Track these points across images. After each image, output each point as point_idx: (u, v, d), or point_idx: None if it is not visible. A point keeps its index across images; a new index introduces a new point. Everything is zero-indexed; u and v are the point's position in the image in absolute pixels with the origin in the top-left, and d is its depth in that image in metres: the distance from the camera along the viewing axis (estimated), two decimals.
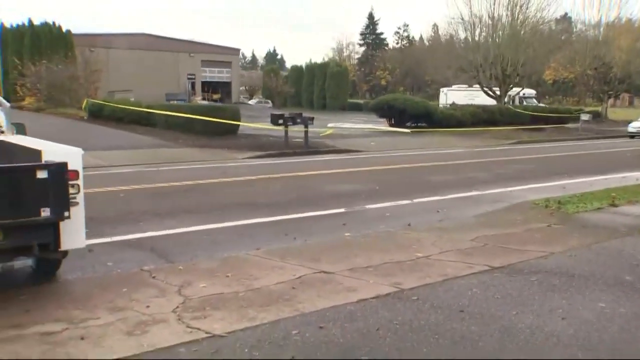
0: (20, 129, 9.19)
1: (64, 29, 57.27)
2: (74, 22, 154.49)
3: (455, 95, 56.61)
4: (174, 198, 14.04)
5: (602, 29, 61.89)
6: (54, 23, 57.42)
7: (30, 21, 58.34)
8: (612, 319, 6.25)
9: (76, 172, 6.92)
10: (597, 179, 17.68)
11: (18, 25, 59.03)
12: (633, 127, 42.37)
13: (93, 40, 56.06)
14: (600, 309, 6.54)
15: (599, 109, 62.68)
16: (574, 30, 69.87)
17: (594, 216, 11.75)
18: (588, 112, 51.22)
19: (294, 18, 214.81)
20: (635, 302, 6.83)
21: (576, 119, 47.31)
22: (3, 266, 6.62)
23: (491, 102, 48.15)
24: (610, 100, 68.84)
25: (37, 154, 6.96)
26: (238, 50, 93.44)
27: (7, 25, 59.06)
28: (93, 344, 5.64)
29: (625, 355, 5.38)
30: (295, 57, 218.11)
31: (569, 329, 5.80)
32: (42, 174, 6.48)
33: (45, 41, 54.47)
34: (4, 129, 8.74)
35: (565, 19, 72.50)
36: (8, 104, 9.18)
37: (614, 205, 12.64)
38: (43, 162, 6.75)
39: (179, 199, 13.97)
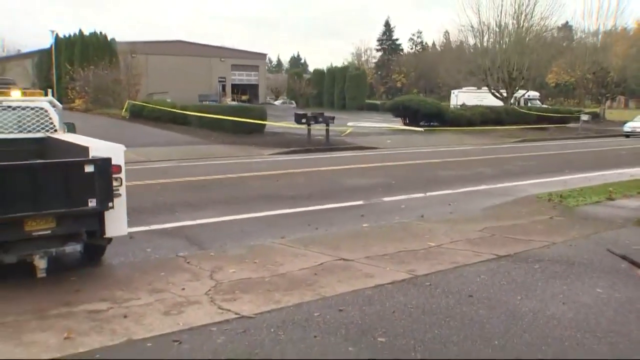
0: (70, 128, 9.32)
1: (109, 38, 57.97)
2: (118, 31, 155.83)
3: (465, 97, 56.30)
4: (206, 190, 14.10)
5: (600, 37, 61.80)
6: (100, 33, 58.31)
7: (80, 32, 59.35)
8: (608, 303, 6.23)
9: (119, 167, 7.01)
10: (596, 174, 17.53)
11: (70, 36, 60.02)
12: (628, 127, 42.20)
13: (134, 47, 56.31)
14: (597, 294, 6.52)
15: (597, 110, 62.33)
16: (575, 37, 69.42)
17: (593, 209, 11.67)
18: (587, 113, 50.88)
19: (316, 26, 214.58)
20: (629, 287, 6.79)
21: (576, 119, 47.02)
22: (56, 251, 6.71)
23: (498, 103, 47.84)
24: (608, 102, 68.47)
25: (85, 150, 7.05)
26: (265, 55, 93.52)
27: (61, 35, 59.84)
28: (134, 322, 5.70)
29: (620, 335, 5.36)
30: (317, 61, 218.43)
31: (569, 312, 5.78)
32: (89, 168, 6.57)
33: (92, 49, 55.29)
34: (57, 127, 8.84)
35: (567, 27, 71.96)
36: (60, 106, 9.27)
37: (611, 199, 12.60)
38: (90, 157, 6.83)
39: (210, 191, 14.02)
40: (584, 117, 46.72)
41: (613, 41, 60.82)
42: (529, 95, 54.44)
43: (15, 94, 8.80)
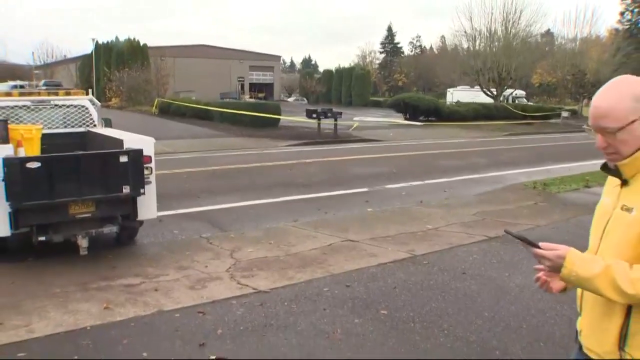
0: (107, 123, 9.40)
1: (141, 43, 58.14)
2: (149, 37, 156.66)
3: (460, 95, 56.01)
4: (226, 179, 14.12)
5: (577, 43, 61.97)
6: (134, 38, 58.38)
7: (116, 38, 59.84)
8: None
9: (149, 157, 7.08)
10: (575, 165, 17.44)
11: (107, 42, 60.43)
12: None
13: (163, 51, 56.32)
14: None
15: (576, 107, 62.16)
16: (556, 43, 69.22)
17: (572, 195, 11.67)
18: (567, 110, 50.87)
19: (326, 30, 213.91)
20: None
21: (558, 116, 47.03)
22: (96, 231, 6.81)
23: (489, 100, 47.63)
24: (585, 101, 68.28)
25: (119, 142, 7.12)
26: (279, 57, 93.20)
27: (100, 42, 60.32)
28: (164, 295, 5.76)
29: None
30: (326, 62, 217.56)
31: None
32: (123, 159, 6.64)
33: (127, 53, 55.41)
34: (96, 123, 8.91)
35: (549, 33, 71.62)
36: (99, 103, 9.35)
37: (587, 186, 12.68)
38: (124, 149, 6.89)
39: (230, 179, 14.05)
40: (564, 114, 46.88)
41: (589, 47, 61.12)
42: (516, 94, 54.22)
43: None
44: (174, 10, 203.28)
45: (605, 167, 2.19)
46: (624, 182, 2.09)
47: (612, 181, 2.20)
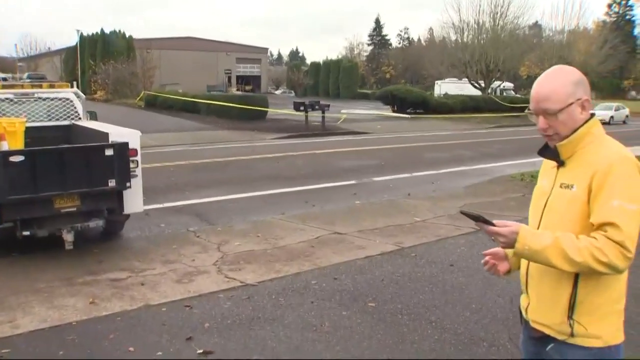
0: (92, 116, 9.34)
1: (127, 35, 57.69)
2: (135, 29, 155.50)
3: (448, 87, 56.13)
4: (213, 172, 14.08)
5: (565, 35, 62.36)
6: (119, 31, 57.93)
7: (102, 30, 59.05)
8: None
9: (135, 150, 7.05)
10: None
11: (93, 34, 59.77)
12: None
13: (149, 43, 55.88)
14: None
15: None
16: (543, 35, 69.62)
17: None
18: None
19: (313, 22, 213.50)
20: None
21: None
22: (81, 226, 6.77)
23: (477, 92, 47.78)
24: None
25: (105, 135, 7.08)
26: (266, 49, 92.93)
27: (85, 34, 59.69)
28: (150, 289, 5.75)
29: None
30: (314, 54, 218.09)
31: None
32: (109, 152, 6.60)
33: (112, 45, 54.97)
34: (81, 116, 8.85)
35: (536, 25, 71.94)
36: (84, 96, 9.28)
37: None
38: (110, 142, 6.84)
39: (217, 172, 14.01)
40: None
41: (576, 39, 61.59)
42: (504, 86, 54.40)
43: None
44: (160, 2, 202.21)
45: (542, 153, 2.41)
46: (561, 163, 2.29)
47: (548, 164, 2.40)
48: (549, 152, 2.34)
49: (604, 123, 24.44)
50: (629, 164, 2.12)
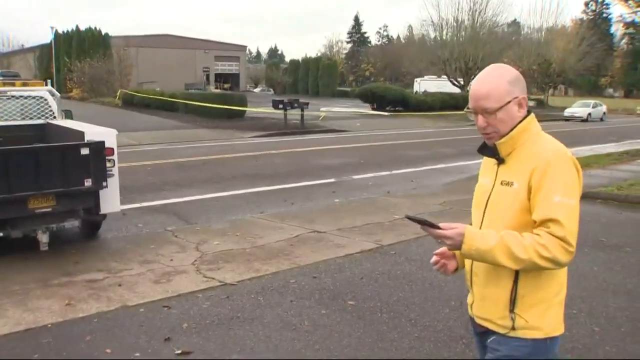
0: (68, 115, 9.23)
1: (103, 32, 57.07)
2: (111, 26, 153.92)
3: (427, 85, 56.50)
4: (192, 171, 14.02)
5: (543, 33, 63.17)
6: (95, 28, 57.20)
7: (77, 27, 58.24)
8: None
9: (112, 149, 6.98)
10: None
11: (68, 31, 58.94)
12: (568, 112, 43.41)
13: (126, 40, 55.36)
14: None
15: (542, 97, 63.20)
16: (522, 32, 70.29)
17: None
18: (533, 100, 51.65)
19: (292, 20, 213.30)
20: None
21: None
22: (57, 226, 6.72)
23: (456, 90, 48.11)
24: (550, 91, 69.63)
25: (80, 134, 7.01)
26: (245, 47, 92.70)
27: (60, 31, 58.86)
28: (128, 290, 5.70)
29: None
30: (293, 52, 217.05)
31: None
32: (85, 151, 6.53)
33: (88, 43, 54.30)
34: (56, 114, 8.75)
35: (515, 23, 72.60)
36: (59, 95, 9.16)
37: None
38: (85, 141, 6.78)
39: (195, 171, 13.94)
40: (530, 103, 47.49)
41: (554, 37, 62.29)
42: None
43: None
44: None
45: (481, 151, 2.44)
46: (501, 161, 2.33)
47: (489, 162, 2.44)
48: (488, 150, 2.38)
49: (581, 120, 25.09)
50: (565, 159, 2.20)
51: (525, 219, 2.19)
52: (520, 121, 2.28)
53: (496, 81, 2.25)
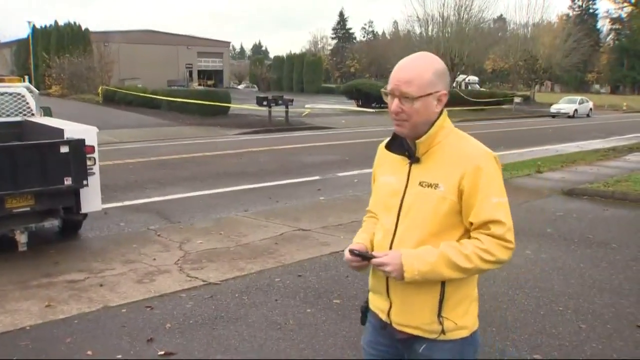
0: (47, 112, 9.14)
1: (83, 28, 56.62)
2: (91, 21, 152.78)
3: None
4: (175, 169, 13.95)
5: (529, 29, 63.72)
6: (75, 23, 56.74)
7: (56, 22, 57.70)
8: (535, 263, 6.49)
9: (92, 147, 6.93)
10: (526, 150, 17.88)
11: (46, 26, 58.37)
12: (554, 108, 43.44)
13: (107, 36, 55.22)
14: (527, 255, 6.74)
15: (528, 93, 63.63)
16: (508, 28, 70.82)
17: (524, 181, 11.93)
18: (520, 96, 51.99)
19: (277, 16, 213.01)
20: (553, 249, 7.07)
21: (510, 102, 48.00)
22: (36, 226, 6.64)
23: None
24: (537, 87, 70.10)
25: (60, 132, 6.96)
26: (228, 43, 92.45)
27: (38, 26, 58.27)
28: (110, 290, 5.66)
29: (544, 290, 5.59)
30: (277, 48, 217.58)
31: (502, 272, 5.91)
32: (64, 149, 6.47)
33: (67, 38, 53.85)
34: (34, 111, 8.66)
35: (501, 19, 73.13)
36: (37, 91, 9.08)
37: (539, 172, 13.01)
38: (65, 138, 6.72)
39: (178, 169, 13.88)
40: (517, 100, 48.02)
41: (540, 33, 62.85)
42: (469, 80, 55.23)
43: None
44: None
45: (390, 148, 2.37)
46: (416, 160, 2.25)
47: (393, 160, 2.36)
48: (399, 147, 2.32)
49: (568, 116, 25.21)
50: (493, 160, 2.19)
51: (451, 222, 2.17)
52: (437, 118, 2.22)
53: (423, 69, 2.16)
